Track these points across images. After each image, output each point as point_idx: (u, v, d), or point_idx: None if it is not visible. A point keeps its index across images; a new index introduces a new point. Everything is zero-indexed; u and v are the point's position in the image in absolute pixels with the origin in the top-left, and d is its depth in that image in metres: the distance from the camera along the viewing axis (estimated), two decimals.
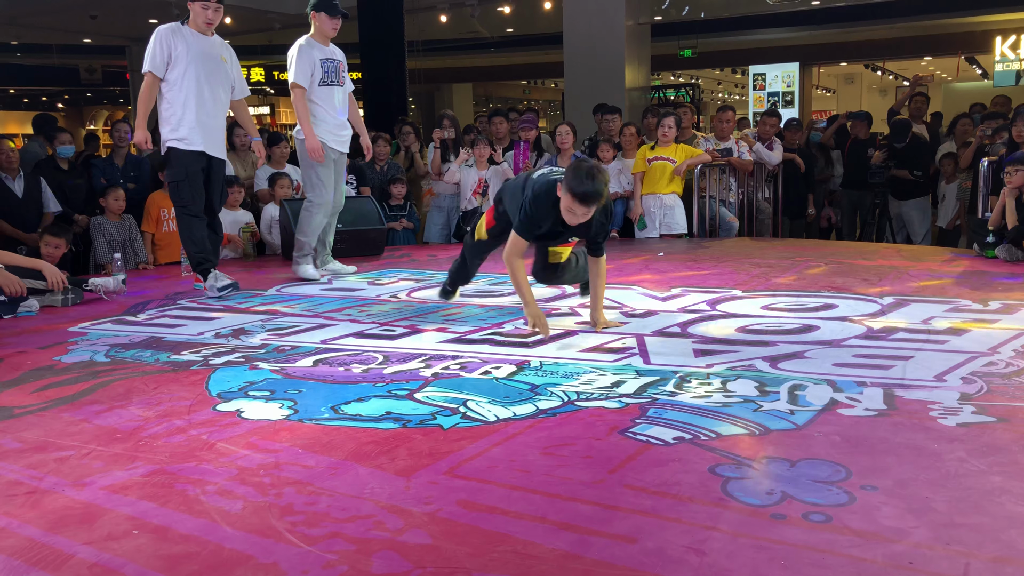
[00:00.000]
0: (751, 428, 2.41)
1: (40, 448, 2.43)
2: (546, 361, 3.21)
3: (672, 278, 4.95)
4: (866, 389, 2.74)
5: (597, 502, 1.97)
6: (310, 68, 5.14)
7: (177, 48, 4.73)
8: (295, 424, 2.57)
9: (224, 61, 4.95)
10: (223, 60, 4.94)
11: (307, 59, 5.13)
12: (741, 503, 1.93)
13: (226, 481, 2.15)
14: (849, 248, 6.38)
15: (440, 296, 4.40)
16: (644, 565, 1.67)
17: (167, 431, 2.55)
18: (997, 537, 1.75)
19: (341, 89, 5.32)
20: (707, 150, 6.95)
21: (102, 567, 1.73)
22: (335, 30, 5.24)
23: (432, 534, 1.83)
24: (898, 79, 22.48)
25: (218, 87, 4.91)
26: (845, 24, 16.51)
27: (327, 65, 5.21)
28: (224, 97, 4.99)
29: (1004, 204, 5.34)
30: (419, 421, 2.56)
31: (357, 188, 6.93)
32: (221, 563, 1.73)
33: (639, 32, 10.10)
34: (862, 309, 3.96)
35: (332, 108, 5.27)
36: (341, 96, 5.33)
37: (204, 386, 3.01)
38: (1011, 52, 12.50)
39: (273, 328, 3.94)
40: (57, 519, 1.96)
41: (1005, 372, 2.89)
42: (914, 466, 2.12)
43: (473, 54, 19.36)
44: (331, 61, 5.25)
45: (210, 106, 4.86)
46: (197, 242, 4.90)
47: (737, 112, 8.18)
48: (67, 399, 2.91)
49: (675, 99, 18.44)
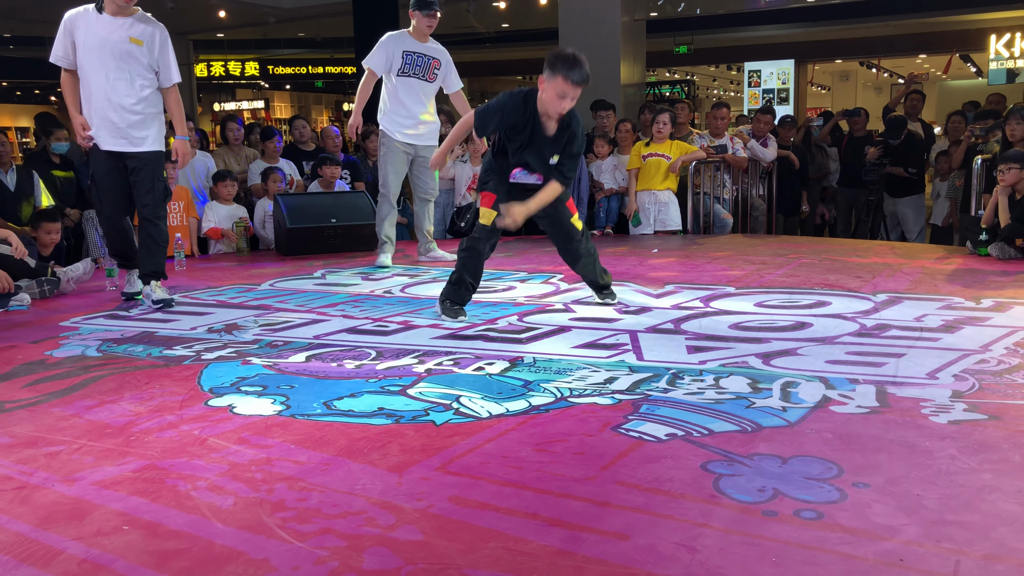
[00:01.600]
0: (744, 425, 2.41)
1: (30, 443, 2.42)
2: (539, 357, 3.21)
3: (666, 276, 4.95)
4: (858, 386, 2.75)
5: (589, 498, 1.97)
6: (387, 57, 5.32)
7: (77, 35, 4.28)
8: (287, 420, 2.56)
9: (138, 44, 4.31)
10: (135, 43, 4.30)
11: (388, 47, 5.33)
12: (733, 500, 1.93)
13: (217, 477, 2.14)
14: (843, 245, 6.40)
15: (447, 315, 3.91)
16: (636, 562, 1.67)
17: (159, 426, 2.54)
18: (988, 535, 1.76)
19: (429, 85, 5.44)
20: (702, 147, 6.95)
21: (92, 563, 1.72)
22: (430, 28, 5.40)
23: (424, 530, 1.83)
24: (893, 76, 22.52)
25: (126, 76, 4.31)
26: (840, 21, 16.53)
27: (410, 57, 5.35)
28: (140, 85, 4.35)
29: (997, 202, 5.35)
30: (412, 417, 2.55)
31: (351, 183, 6.92)
32: (212, 559, 1.73)
33: (635, 28, 10.09)
34: (855, 306, 3.96)
35: (411, 100, 5.39)
36: (427, 91, 5.45)
37: (196, 381, 3.01)
38: (1005, 50, 12.52)
39: (266, 323, 3.93)
40: (47, 514, 1.95)
41: (997, 370, 2.90)
42: (905, 463, 2.12)
43: (469, 49, 19.33)
44: (419, 55, 5.38)
45: (117, 98, 4.30)
46: (115, 247, 4.62)
47: (732, 109, 8.18)
48: (58, 394, 2.90)
49: (671, 95, 18.43)
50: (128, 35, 4.30)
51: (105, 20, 4.28)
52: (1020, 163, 5.28)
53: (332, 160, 6.67)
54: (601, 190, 7.05)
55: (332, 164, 6.63)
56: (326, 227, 6.19)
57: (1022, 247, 5.19)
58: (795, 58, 16.46)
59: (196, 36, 17.75)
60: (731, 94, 25.95)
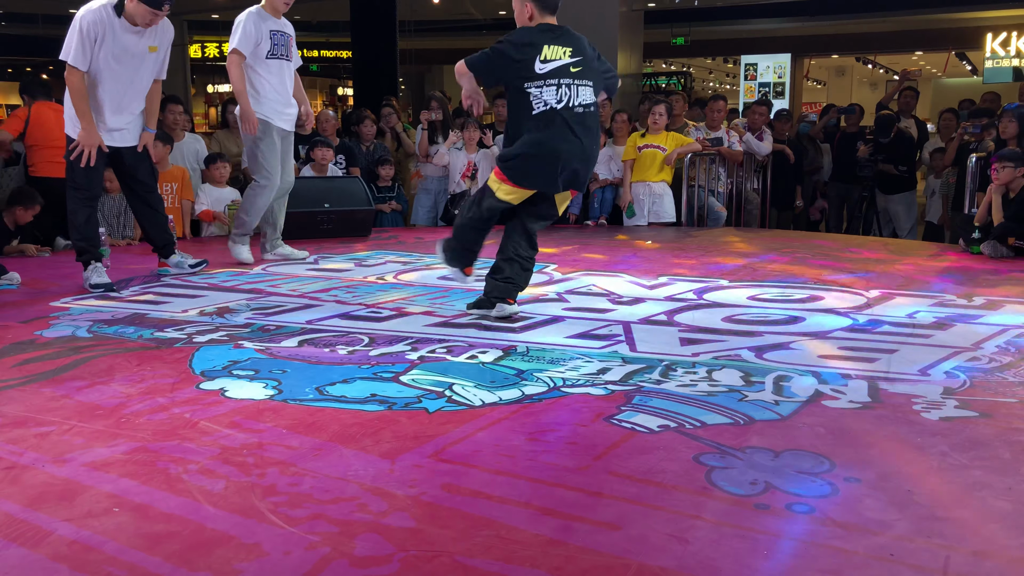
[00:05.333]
0: (736, 418, 2.42)
1: (20, 423, 2.41)
2: (533, 347, 3.21)
3: (660, 266, 4.95)
4: (851, 381, 2.75)
5: (581, 488, 1.97)
6: (256, 38, 4.84)
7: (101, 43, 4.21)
8: (279, 404, 2.55)
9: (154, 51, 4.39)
10: (152, 50, 4.37)
11: (255, 28, 4.83)
12: (725, 492, 1.94)
13: (209, 460, 2.14)
14: (836, 240, 6.41)
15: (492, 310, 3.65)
16: (628, 552, 1.68)
17: (150, 408, 2.53)
18: (978, 531, 1.77)
19: (289, 64, 5.05)
20: (697, 139, 6.94)
21: (82, 544, 1.72)
22: (287, 5, 4.97)
23: (416, 517, 1.82)
24: (888, 73, 22.55)
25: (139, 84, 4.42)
26: (837, 16, 16.55)
27: (277, 37, 4.92)
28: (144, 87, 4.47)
29: (991, 200, 5.37)
30: (404, 404, 2.55)
31: (347, 168, 6.88)
32: (203, 542, 1.72)
33: (632, 18, 10.06)
34: (848, 301, 3.97)
35: (280, 83, 4.99)
36: (289, 72, 5.06)
37: (188, 364, 2.99)
38: (1002, 49, 12.55)
39: (258, 307, 3.91)
40: (37, 495, 1.94)
41: (988, 368, 2.91)
42: (897, 459, 2.13)
43: (465, 36, 19.24)
44: (281, 34, 4.97)
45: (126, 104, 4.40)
46: (91, 234, 4.43)
47: (728, 102, 8.18)
48: (48, 374, 2.88)
49: (667, 87, 18.42)
50: (148, 44, 4.35)
51: (128, 30, 4.24)
52: (1014, 162, 5.30)
53: (325, 143, 6.62)
54: (595, 180, 7.03)
55: (324, 147, 6.58)
56: (319, 212, 6.15)
57: (1015, 246, 5.21)
58: (791, 52, 16.47)
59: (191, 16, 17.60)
60: (727, 87, 25.92)
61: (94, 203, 4.50)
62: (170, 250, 4.76)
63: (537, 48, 3.45)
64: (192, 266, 4.74)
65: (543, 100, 3.43)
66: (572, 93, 3.46)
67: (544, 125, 3.44)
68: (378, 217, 6.88)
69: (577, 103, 3.47)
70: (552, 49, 3.46)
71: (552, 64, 3.45)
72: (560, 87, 3.44)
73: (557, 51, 3.47)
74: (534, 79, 3.43)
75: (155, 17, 4.23)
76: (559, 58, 3.47)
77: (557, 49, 3.47)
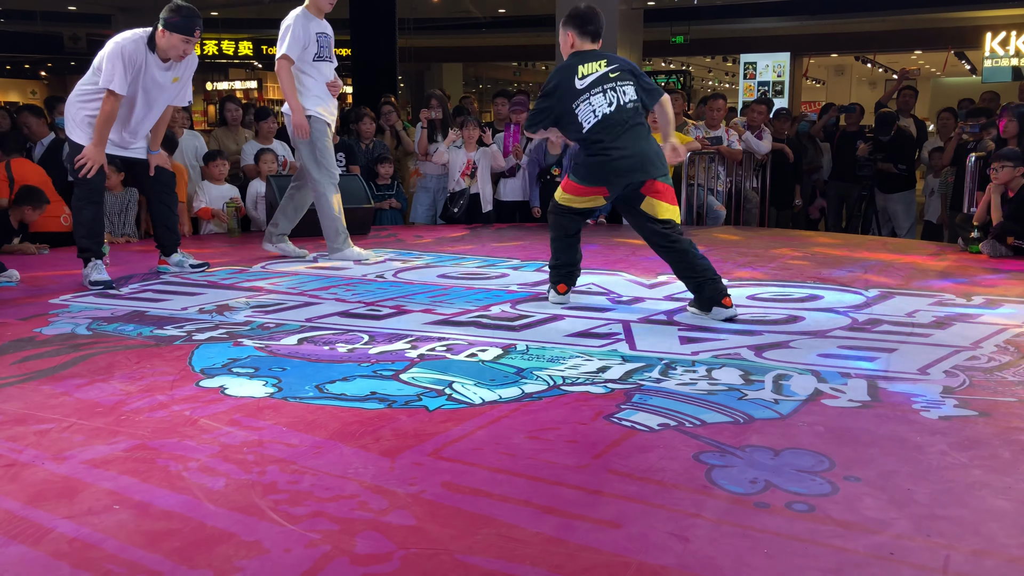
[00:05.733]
0: (736, 416, 2.42)
1: (20, 420, 2.41)
2: (532, 345, 3.21)
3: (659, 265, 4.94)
4: (850, 380, 2.76)
5: (582, 487, 1.97)
6: (304, 42, 4.94)
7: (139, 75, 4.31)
8: (279, 402, 2.55)
9: (176, 81, 4.49)
10: (175, 81, 4.47)
11: (304, 32, 4.93)
12: (725, 491, 1.94)
13: (209, 458, 2.14)
14: (835, 239, 6.41)
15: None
16: (628, 550, 1.68)
17: (149, 406, 2.53)
18: (977, 530, 1.77)
19: (331, 65, 5.16)
20: (696, 138, 6.94)
21: (82, 542, 1.72)
22: (331, 5, 5.07)
23: (416, 515, 1.82)
24: (887, 72, 22.55)
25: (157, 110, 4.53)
26: (837, 15, 16.54)
27: (323, 39, 5.04)
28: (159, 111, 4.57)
29: (990, 200, 5.37)
30: (404, 402, 2.55)
31: (347, 166, 6.87)
32: (203, 540, 1.72)
33: (632, 17, 10.07)
34: (847, 300, 3.98)
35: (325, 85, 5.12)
36: (331, 73, 5.17)
37: (187, 362, 2.99)
38: (1000, 48, 12.55)
39: (258, 305, 3.91)
40: (36, 493, 1.94)
41: (987, 367, 2.91)
42: (897, 458, 2.13)
43: (464, 34, 19.24)
44: (326, 36, 5.08)
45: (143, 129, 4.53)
46: (98, 231, 4.47)
47: (727, 101, 8.17)
48: (47, 371, 2.88)
49: (666, 86, 18.39)
50: (172, 76, 4.44)
51: (159, 66, 4.33)
52: (1013, 161, 5.30)
53: None
54: None
55: None
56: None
57: (1013, 245, 5.21)
58: (791, 51, 16.47)
59: None
60: (727, 86, 25.92)
61: (100, 199, 4.53)
62: (173, 249, 4.78)
63: (573, 69, 3.71)
64: (193, 267, 4.75)
65: (592, 111, 3.65)
66: (619, 94, 3.68)
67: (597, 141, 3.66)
68: (377, 215, 6.88)
69: (627, 101, 3.68)
70: (587, 66, 3.71)
71: (590, 77, 3.68)
72: (606, 92, 3.66)
73: (592, 66, 3.71)
74: (578, 95, 3.66)
75: (188, 46, 4.30)
76: (595, 71, 3.70)
77: (591, 65, 3.71)
